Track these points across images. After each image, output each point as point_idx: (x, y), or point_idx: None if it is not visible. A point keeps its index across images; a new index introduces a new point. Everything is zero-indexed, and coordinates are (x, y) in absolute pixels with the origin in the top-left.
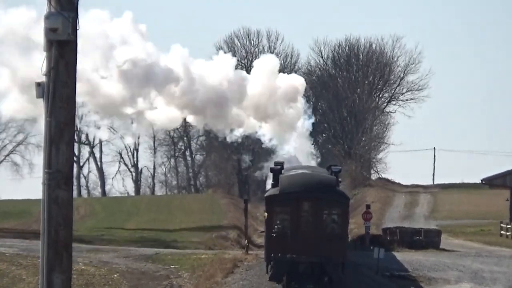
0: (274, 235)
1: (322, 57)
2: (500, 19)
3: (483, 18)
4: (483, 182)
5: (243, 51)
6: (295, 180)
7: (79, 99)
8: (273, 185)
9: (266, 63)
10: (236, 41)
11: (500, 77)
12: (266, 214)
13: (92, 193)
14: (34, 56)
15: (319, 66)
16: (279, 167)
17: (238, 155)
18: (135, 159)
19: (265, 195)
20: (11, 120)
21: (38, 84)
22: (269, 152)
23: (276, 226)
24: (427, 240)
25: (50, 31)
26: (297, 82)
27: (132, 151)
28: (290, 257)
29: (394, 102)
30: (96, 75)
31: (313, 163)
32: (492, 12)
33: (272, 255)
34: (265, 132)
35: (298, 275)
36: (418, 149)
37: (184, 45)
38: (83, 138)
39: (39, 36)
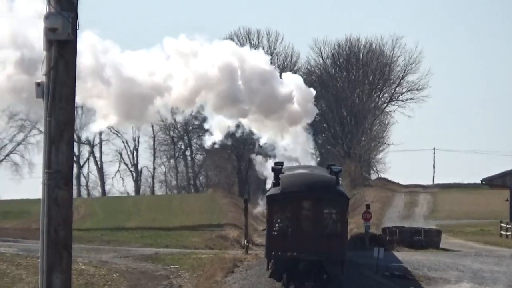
0: (275, 233)
1: (322, 57)
2: (500, 19)
3: (483, 18)
4: (483, 182)
5: None
6: (296, 179)
7: None
8: (274, 184)
9: (182, 47)
10: (236, 40)
11: (500, 77)
12: (266, 210)
13: (92, 193)
14: None
15: (319, 66)
16: (279, 166)
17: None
18: (135, 159)
19: (266, 194)
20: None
21: (38, 84)
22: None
23: (276, 225)
24: (427, 240)
25: (49, 31)
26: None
27: (132, 151)
28: (290, 255)
29: (394, 102)
30: None
31: (312, 162)
32: (492, 12)
33: (272, 253)
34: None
35: (298, 272)
36: (418, 149)
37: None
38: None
39: None
